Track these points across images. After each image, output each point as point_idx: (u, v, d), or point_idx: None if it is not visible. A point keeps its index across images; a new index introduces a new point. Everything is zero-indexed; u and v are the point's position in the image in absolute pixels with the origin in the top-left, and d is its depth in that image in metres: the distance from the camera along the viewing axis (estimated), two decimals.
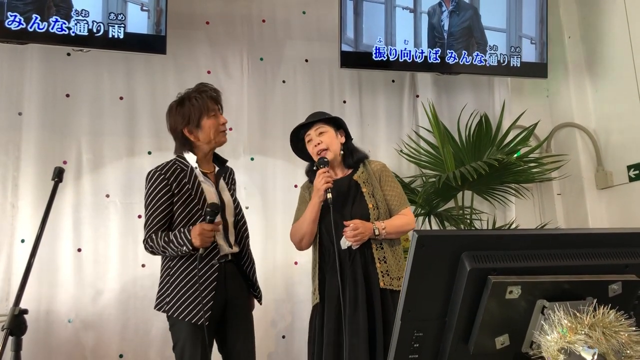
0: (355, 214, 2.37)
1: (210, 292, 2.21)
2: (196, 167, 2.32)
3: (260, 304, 2.49)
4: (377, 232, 2.32)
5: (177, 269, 2.26)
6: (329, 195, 2.34)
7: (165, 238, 2.20)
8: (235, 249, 2.36)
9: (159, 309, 2.29)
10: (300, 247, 2.51)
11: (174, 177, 2.28)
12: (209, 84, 2.45)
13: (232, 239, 2.36)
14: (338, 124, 2.59)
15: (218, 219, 2.25)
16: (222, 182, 2.42)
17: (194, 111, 2.32)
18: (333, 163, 2.51)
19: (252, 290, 2.46)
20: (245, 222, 2.47)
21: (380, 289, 2.32)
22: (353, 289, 2.31)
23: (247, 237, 2.47)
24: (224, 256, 2.31)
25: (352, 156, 2.54)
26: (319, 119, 2.55)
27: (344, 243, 2.33)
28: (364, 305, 2.27)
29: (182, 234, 2.17)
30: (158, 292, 2.31)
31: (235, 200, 2.45)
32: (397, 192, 2.47)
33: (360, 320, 2.25)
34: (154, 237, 2.23)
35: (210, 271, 2.23)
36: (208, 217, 2.16)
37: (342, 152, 2.53)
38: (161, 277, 2.33)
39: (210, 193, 2.32)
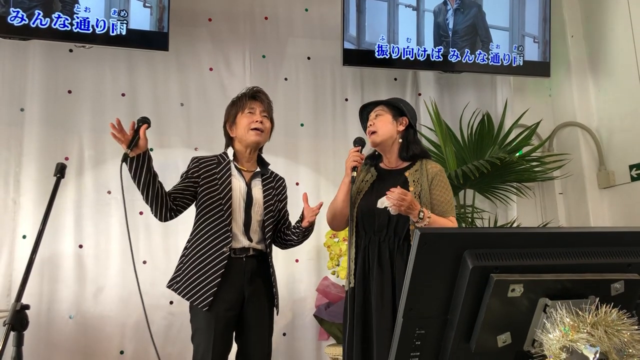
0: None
1: (215, 279, 2.24)
2: (232, 160, 2.43)
3: (277, 314, 2.47)
4: (421, 216, 2.18)
5: (191, 250, 2.34)
6: (354, 174, 2.32)
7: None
8: (258, 246, 2.38)
9: (169, 286, 2.36)
10: (333, 227, 2.48)
11: (205, 165, 2.41)
12: (256, 87, 2.56)
13: (254, 236, 2.37)
14: (402, 111, 2.46)
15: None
16: (256, 181, 2.46)
17: (232, 109, 2.49)
18: (385, 149, 2.44)
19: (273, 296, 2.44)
20: (271, 224, 2.44)
21: None
22: (380, 282, 2.25)
23: (271, 238, 2.47)
24: (245, 250, 2.33)
25: (408, 148, 2.41)
26: (380, 101, 2.51)
27: (382, 203, 2.22)
28: (389, 303, 2.22)
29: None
30: (174, 272, 2.39)
31: (268, 202, 2.43)
32: (445, 199, 2.33)
33: (385, 317, 2.20)
34: None
35: (219, 259, 2.27)
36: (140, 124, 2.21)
37: (400, 140, 2.41)
38: (179, 258, 2.41)
39: (237, 188, 2.38)
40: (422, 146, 2.52)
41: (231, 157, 2.43)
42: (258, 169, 2.49)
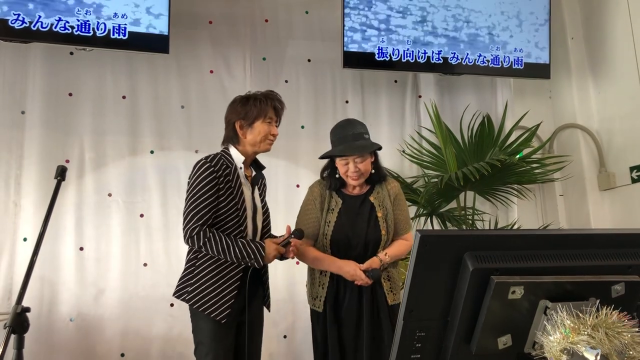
0: (370, 239, 2.46)
1: (232, 290, 2.23)
2: (241, 168, 2.35)
3: (269, 311, 2.50)
4: (381, 263, 2.44)
5: (204, 260, 2.26)
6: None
7: (228, 241, 2.20)
8: None
9: (178, 296, 2.29)
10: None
11: (221, 172, 2.29)
12: (278, 96, 2.47)
13: None
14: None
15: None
16: (254, 187, 2.46)
17: (253, 110, 2.35)
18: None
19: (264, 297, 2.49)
20: (270, 229, 2.51)
21: (389, 306, 2.45)
22: (357, 307, 2.44)
23: None
24: None
25: (379, 174, 2.57)
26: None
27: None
28: (369, 327, 2.41)
29: (255, 247, 2.23)
30: (180, 280, 2.32)
31: (264, 206, 2.49)
32: (405, 216, 2.57)
33: (364, 338, 2.40)
34: (209, 232, 2.20)
35: (237, 270, 2.26)
36: (293, 236, 2.31)
37: (372, 171, 2.54)
38: (186, 264, 2.33)
39: (247, 196, 2.35)
40: (384, 168, 2.68)
41: (240, 165, 2.35)
42: (254, 173, 2.46)
